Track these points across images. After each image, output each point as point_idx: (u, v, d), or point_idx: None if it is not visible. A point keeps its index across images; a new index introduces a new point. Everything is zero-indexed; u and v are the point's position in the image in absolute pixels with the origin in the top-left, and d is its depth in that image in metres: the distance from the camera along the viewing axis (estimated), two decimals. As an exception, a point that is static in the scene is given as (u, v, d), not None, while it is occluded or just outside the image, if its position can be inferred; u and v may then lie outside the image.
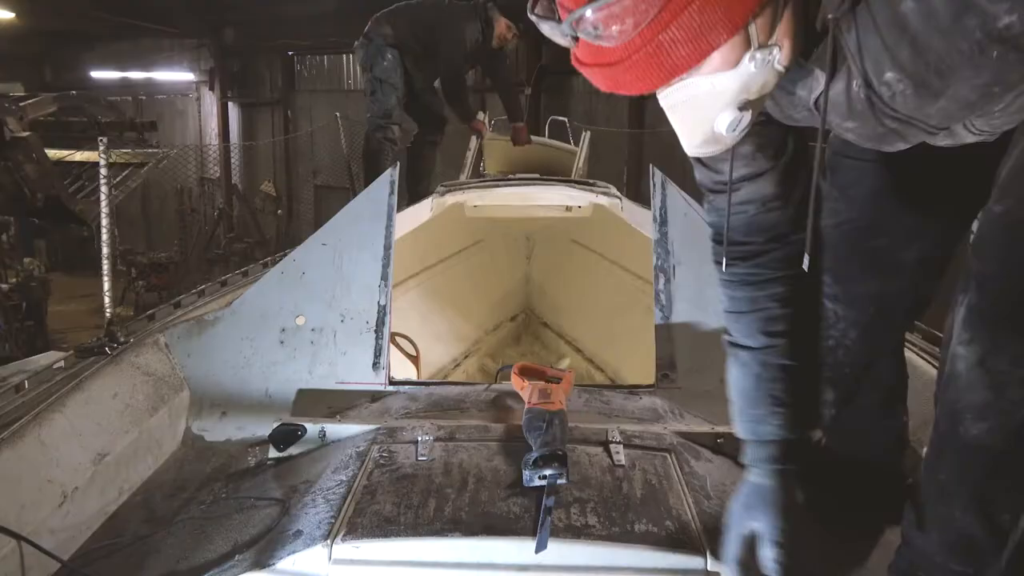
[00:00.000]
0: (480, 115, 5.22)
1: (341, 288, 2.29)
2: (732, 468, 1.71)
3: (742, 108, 0.86)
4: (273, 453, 1.87)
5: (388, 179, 2.38)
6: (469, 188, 4.07)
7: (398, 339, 2.81)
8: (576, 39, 0.80)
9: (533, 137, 5.34)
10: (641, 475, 1.58)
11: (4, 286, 8.31)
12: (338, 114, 7.06)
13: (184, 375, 2.18)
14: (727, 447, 1.76)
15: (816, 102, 1.00)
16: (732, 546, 1.24)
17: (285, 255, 2.67)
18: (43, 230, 11.65)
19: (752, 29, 0.80)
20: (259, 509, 1.62)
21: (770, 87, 0.87)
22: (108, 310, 2.59)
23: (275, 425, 1.89)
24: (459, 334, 4.14)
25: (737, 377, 1.26)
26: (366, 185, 2.78)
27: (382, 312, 2.27)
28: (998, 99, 0.95)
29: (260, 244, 11.39)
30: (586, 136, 5.41)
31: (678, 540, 1.36)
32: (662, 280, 2.35)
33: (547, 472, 1.49)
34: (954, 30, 0.83)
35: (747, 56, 0.81)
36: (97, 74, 14.10)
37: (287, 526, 1.49)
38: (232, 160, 13.44)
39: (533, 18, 0.83)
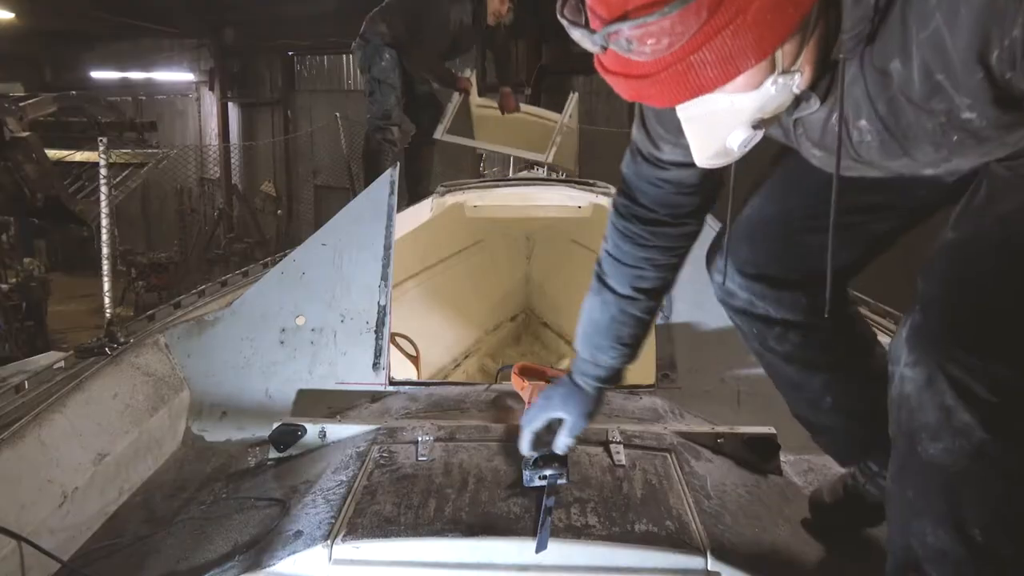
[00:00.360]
0: (466, 71, 5.00)
1: (341, 288, 2.29)
2: (732, 468, 1.71)
3: (756, 127, 0.88)
4: (273, 453, 1.87)
5: (388, 179, 2.38)
6: (469, 188, 4.07)
7: (398, 339, 2.81)
8: (605, 48, 0.81)
9: (522, 106, 5.15)
10: (641, 475, 1.58)
11: (4, 286, 8.30)
12: (338, 114, 7.06)
13: (184, 375, 2.18)
14: (727, 447, 1.77)
15: (796, 121, 1.04)
16: (537, 422, 1.45)
17: (285, 255, 2.67)
18: (43, 230, 11.64)
19: (779, 55, 0.82)
20: (259, 509, 1.62)
21: (784, 108, 0.90)
22: (108, 310, 2.59)
23: (275, 425, 1.89)
24: (459, 334, 4.13)
25: (595, 308, 1.40)
26: (366, 186, 2.78)
27: (382, 312, 2.27)
28: (956, 165, 1.01)
29: (260, 244, 11.37)
30: (573, 97, 5.23)
31: (678, 540, 1.36)
32: (662, 280, 2.35)
33: (547, 472, 1.50)
34: (924, 107, 0.88)
35: (770, 80, 0.84)
36: (97, 74, 14.08)
37: (287, 526, 1.49)
38: (232, 160, 13.42)
39: (562, 21, 0.84)
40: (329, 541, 1.37)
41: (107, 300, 2.61)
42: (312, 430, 1.88)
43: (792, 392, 1.53)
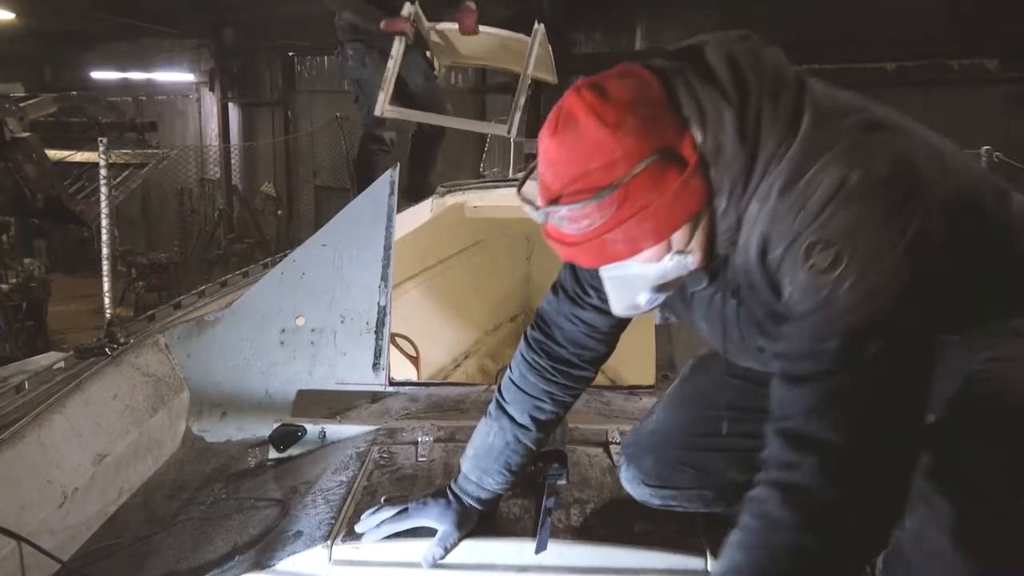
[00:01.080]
0: (407, 7, 3.86)
1: (341, 289, 2.29)
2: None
3: (658, 290, 1.10)
4: (273, 454, 1.87)
5: (388, 180, 2.37)
6: (469, 188, 4.07)
7: (398, 340, 2.81)
8: (547, 221, 1.06)
9: (483, 28, 4.23)
10: (641, 476, 1.58)
11: (4, 286, 8.28)
12: (338, 114, 7.04)
13: (184, 376, 2.18)
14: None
15: (693, 294, 1.22)
16: (405, 524, 1.41)
17: (285, 256, 2.67)
18: (43, 230, 11.63)
19: (674, 239, 1.04)
20: (259, 510, 1.62)
21: (681, 279, 1.11)
22: (108, 311, 2.59)
23: (275, 426, 1.89)
24: (459, 335, 4.13)
25: (491, 433, 1.43)
26: (359, 193, 2.74)
27: (382, 313, 2.27)
28: None
29: (260, 245, 11.36)
30: (539, 28, 4.24)
31: (678, 540, 1.37)
32: (662, 280, 2.34)
33: (547, 472, 1.50)
34: (754, 295, 1.09)
35: (667, 256, 1.05)
36: (97, 74, 14.06)
37: (287, 527, 1.49)
38: (232, 161, 13.40)
39: (519, 199, 1.08)
40: (329, 541, 1.38)
41: (107, 300, 2.61)
42: (312, 430, 1.88)
43: None
